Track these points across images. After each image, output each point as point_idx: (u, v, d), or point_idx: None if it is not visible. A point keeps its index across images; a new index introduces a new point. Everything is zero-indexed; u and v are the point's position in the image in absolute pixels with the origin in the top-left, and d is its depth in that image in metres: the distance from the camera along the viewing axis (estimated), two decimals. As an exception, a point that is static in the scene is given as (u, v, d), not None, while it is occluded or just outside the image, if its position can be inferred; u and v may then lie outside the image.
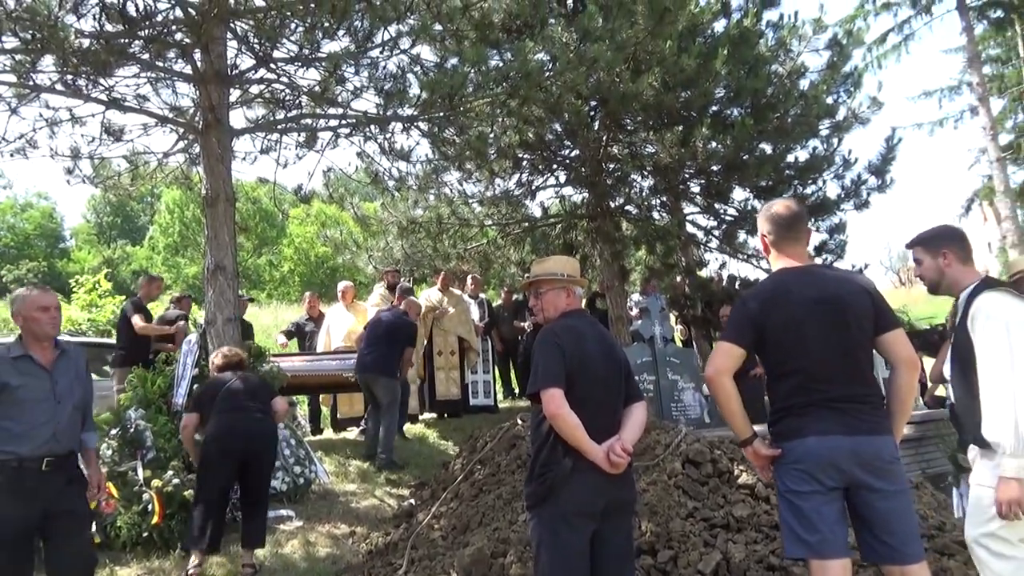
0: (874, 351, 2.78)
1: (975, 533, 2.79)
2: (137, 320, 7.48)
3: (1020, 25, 18.45)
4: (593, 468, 2.74)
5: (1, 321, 14.90)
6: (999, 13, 18.43)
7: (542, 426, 2.84)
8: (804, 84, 9.38)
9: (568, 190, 10.74)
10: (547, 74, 6.92)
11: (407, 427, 8.60)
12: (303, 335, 9.51)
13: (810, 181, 9.71)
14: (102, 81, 6.42)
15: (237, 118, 9.07)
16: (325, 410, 9.50)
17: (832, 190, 9.78)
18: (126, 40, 6.17)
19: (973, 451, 2.95)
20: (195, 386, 6.35)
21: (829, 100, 9.49)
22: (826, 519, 2.54)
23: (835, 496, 2.58)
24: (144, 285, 8.08)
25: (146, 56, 6.44)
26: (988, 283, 2.89)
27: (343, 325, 9.13)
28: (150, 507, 5.12)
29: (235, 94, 7.17)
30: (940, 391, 9.40)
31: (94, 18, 5.80)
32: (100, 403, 6.38)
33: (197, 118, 6.88)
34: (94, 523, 4.98)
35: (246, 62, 7.07)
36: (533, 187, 10.30)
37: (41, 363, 3.52)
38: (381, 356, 7.21)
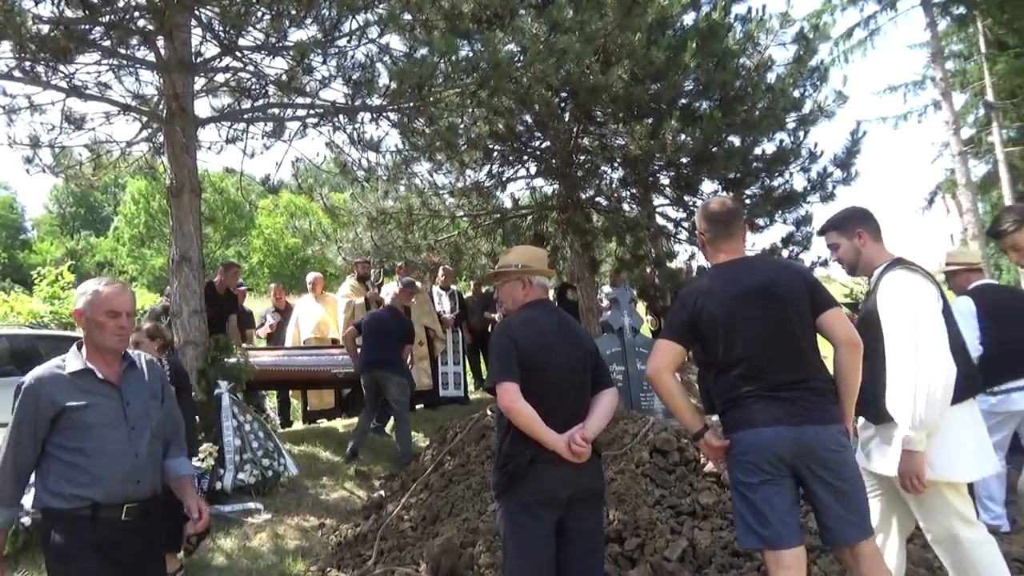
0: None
1: (966, 532, 2.81)
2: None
3: (981, 21, 18.83)
4: (556, 458, 2.73)
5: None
6: (961, 10, 18.77)
7: (504, 417, 2.85)
8: (771, 77, 9.49)
9: (539, 181, 10.78)
10: (517, 65, 6.91)
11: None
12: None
13: (777, 173, 9.83)
14: (62, 68, 6.27)
15: (202, 107, 8.99)
16: (295, 402, 9.43)
17: (799, 182, 9.92)
18: (87, 26, 6.04)
19: (866, 431, 3.06)
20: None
21: (796, 93, 9.62)
22: (776, 510, 2.56)
23: (785, 484, 2.60)
24: (220, 273, 7.85)
25: (107, 43, 6.30)
26: (899, 262, 2.95)
27: (312, 316, 9.06)
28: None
29: (200, 82, 7.07)
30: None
31: (53, 3, 5.67)
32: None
33: (161, 107, 6.76)
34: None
35: (211, 50, 6.97)
36: (504, 178, 10.31)
37: (107, 378, 2.73)
38: (393, 355, 7.25)
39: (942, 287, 2.99)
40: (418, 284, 8.80)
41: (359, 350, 7.35)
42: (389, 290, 8.98)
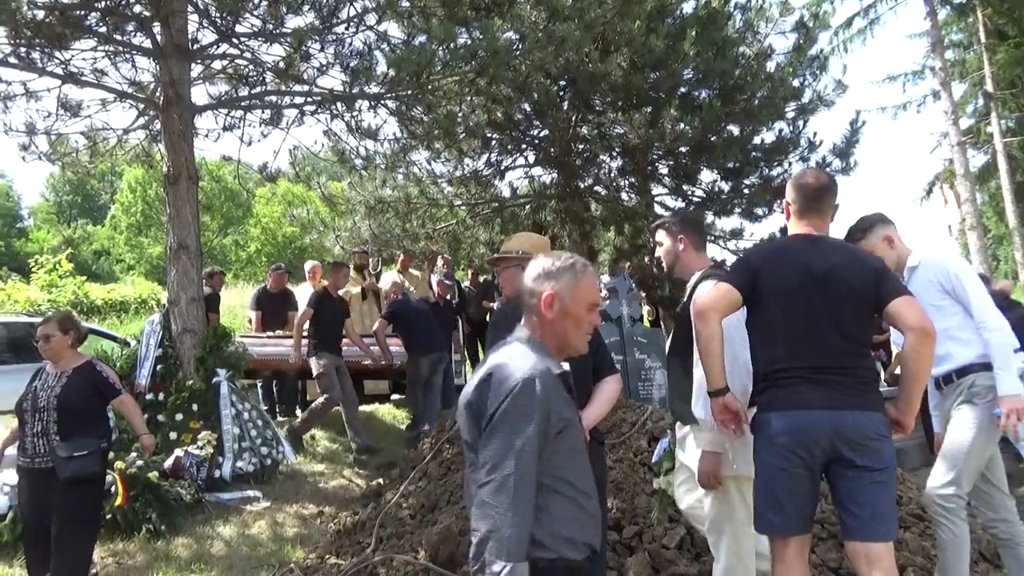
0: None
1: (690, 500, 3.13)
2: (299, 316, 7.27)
3: (981, 11, 18.76)
4: None
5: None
6: (961, -1, 18.73)
7: None
8: (771, 66, 9.48)
9: (537, 170, 10.76)
10: (516, 53, 6.87)
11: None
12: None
13: (776, 163, 9.84)
14: (57, 54, 6.24)
15: (199, 94, 8.93)
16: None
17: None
18: (82, 12, 6.01)
19: (683, 429, 3.16)
20: (158, 367, 6.28)
21: (795, 83, 9.61)
22: (797, 499, 2.50)
23: (812, 476, 2.52)
24: (330, 274, 7.69)
25: (103, 29, 6.27)
26: (713, 271, 3.05)
27: (311, 305, 9.04)
28: (113, 489, 5.04)
29: (197, 69, 7.02)
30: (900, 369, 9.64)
31: (48, -12, 5.63)
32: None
33: (157, 94, 6.72)
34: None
35: (208, 36, 6.94)
36: (502, 167, 10.30)
37: None
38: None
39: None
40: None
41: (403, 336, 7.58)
42: (388, 279, 8.97)
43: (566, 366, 2.02)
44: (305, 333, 7.15)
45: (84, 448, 3.89)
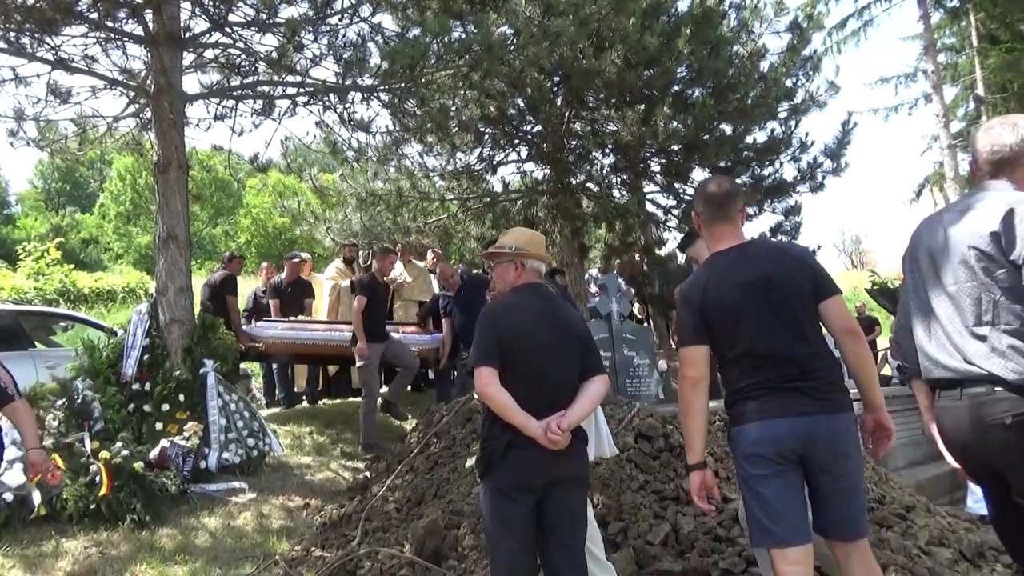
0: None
1: None
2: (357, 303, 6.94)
3: (974, 15, 18.86)
4: (532, 444, 2.70)
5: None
6: (954, 2, 18.79)
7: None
8: (764, 66, 9.50)
9: (529, 166, 10.76)
10: (510, 48, 6.86)
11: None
12: (260, 307, 9.35)
13: (768, 163, 9.87)
14: (48, 40, 6.19)
15: (191, 83, 8.85)
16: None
17: (789, 172, 9.96)
18: (73, -3, 5.95)
19: None
20: (145, 357, 6.25)
21: (788, 83, 9.63)
22: (790, 504, 2.49)
23: (795, 477, 2.51)
24: (378, 259, 7.64)
25: (95, 15, 6.21)
26: None
27: (301, 298, 9.01)
28: (98, 479, 5.03)
29: (188, 58, 6.98)
30: (886, 370, 9.64)
31: (38, -27, 5.57)
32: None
33: (148, 82, 6.67)
34: (39, 495, 4.90)
35: (200, 25, 6.89)
36: (494, 162, 10.28)
37: None
38: None
39: None
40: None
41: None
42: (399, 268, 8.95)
43: None
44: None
45: None
